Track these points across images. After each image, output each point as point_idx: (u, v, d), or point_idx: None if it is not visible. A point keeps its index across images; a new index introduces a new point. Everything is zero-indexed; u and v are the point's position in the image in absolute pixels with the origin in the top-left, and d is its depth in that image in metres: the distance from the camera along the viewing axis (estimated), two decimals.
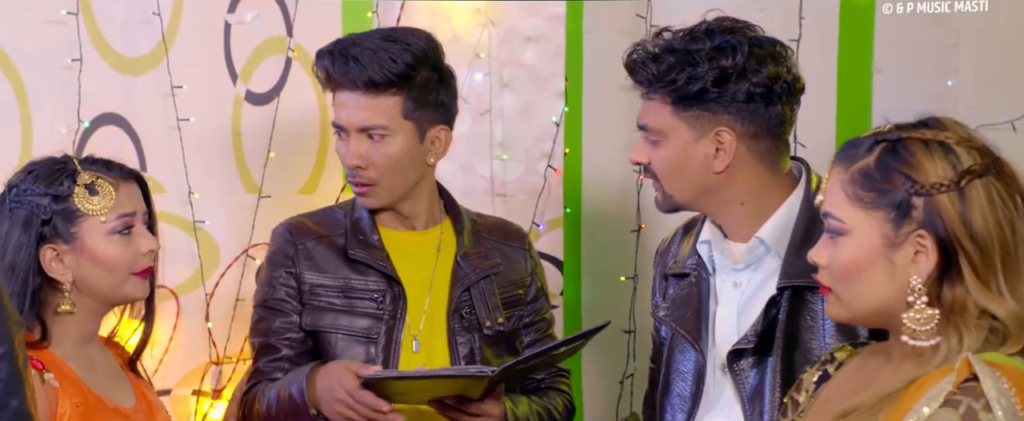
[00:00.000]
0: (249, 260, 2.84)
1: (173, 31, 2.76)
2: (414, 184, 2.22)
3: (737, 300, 1.92)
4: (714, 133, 1.88)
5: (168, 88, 2.74)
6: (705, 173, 1.89)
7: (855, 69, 2.73)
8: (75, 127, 2.66)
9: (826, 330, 1.84)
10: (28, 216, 1.89)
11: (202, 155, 2.78)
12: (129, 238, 1.93)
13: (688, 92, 1.87)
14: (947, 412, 1.39)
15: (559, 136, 2.85)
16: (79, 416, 1.86)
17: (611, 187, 2.88)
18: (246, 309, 2.84)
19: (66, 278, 1.90)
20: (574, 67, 2.86)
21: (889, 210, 1.47)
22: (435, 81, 2.20)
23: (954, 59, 2.68)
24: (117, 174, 1.95)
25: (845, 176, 1.51)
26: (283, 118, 2.84)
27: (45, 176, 1.92)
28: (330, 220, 2.29)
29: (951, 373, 1.42)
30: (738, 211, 1.92)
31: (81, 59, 2.66)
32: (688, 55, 1.86)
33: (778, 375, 1.84)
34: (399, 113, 2.17)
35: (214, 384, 2.82)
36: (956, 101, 2.65)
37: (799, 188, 1.92)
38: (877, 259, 1.48)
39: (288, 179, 2.87)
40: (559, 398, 2.30)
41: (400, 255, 2.24)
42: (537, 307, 2.32)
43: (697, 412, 1.93)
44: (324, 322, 2.22)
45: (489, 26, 2.83)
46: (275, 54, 2.85)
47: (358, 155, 2.18)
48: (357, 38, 2.20)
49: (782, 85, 1.88)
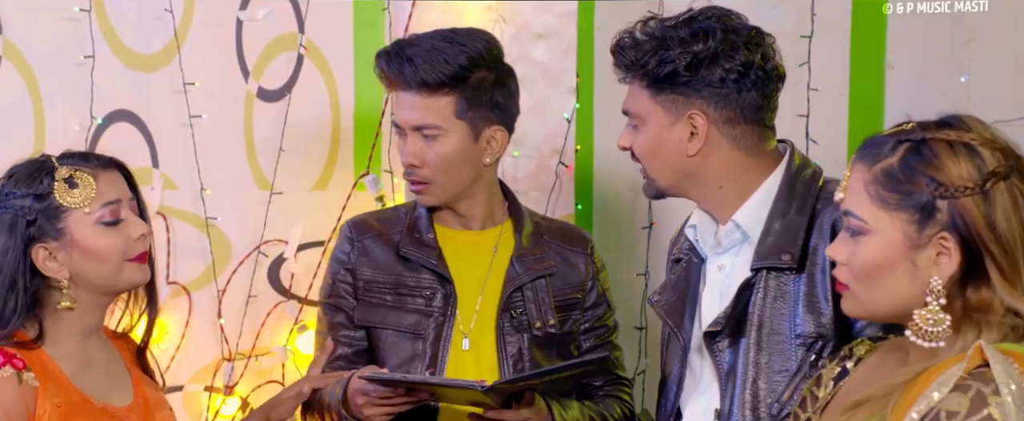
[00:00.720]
0: (261, 256, 2.85)
1: (185, 28, 2.77)
2: (470, 183, 2.25)
3: (720, 283, 1.95)
4: (688, 116, 1.91)
5: (180, 85, 2.75)
6: (680, 157, 1.93)
7: (868, 65, 2.72)
8: (88, 124, 2.67)
9: (798, 310, 1.87)
10: (13, 219, 1.89)
11: (214, 151, 2.79)
12: (118, 226, 1.93)
13: (660, 75, 1.91)
14: (956, 396, 1.40)
15: (570, 132, 2.85)
16: (60, 417, 1.86)
17: (623, 184, 2.88)
18: (258, 305, 2.85)
19: (62, 275, 1.90)
20: (585, 64, 2.86)
21: (913, 211, 1.47)
22: (490, 82, 2.21)
23: (967, 55, 2.67)
24: (95, 164, 1.94)
25: (868, 175, 1.50)
26: (295, 115, 2.84)
27: (25, 177, 1.92)
28: (392, 218, 2.33)
29: (963, 361, 1.42)
30: (718, 195, 1.94)
31: (94, 56, 2.67)
32: (663, 40, 1.91)
33: (749, 357, 1.88)
34: (452, 113, 2.20)
35: (226, 380, 2.83)
36: (969, 97, 2.64)
37: (778, 170, 1.94)
38: (899, 260, 1.48)
39: (300, 175, 2.87)
40: (617, 406, 2.31)
41: (455, 254, 2.27)
42: (597, 313, 2.33)
43: (682, 394, 1.97)
44: (375, 318, 2.26)
45: (500, 23, 2.83)
46: (287, 51, 2.85)
47: (413, 154, 2.22)
48: (417, 38, 2.23)
49: (757, 72, 1.91)
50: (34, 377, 1.86)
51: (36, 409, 1.85)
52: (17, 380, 1.84)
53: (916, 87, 2.68)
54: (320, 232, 2.87)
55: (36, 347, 1.89)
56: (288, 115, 2.84)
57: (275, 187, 2.83)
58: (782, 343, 1.86)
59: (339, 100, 2.88)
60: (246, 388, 2.85)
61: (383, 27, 2.85)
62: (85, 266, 1.91)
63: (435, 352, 2.22)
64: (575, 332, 2.30)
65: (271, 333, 2.87)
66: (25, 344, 1.88)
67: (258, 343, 2.86)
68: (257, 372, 2.86)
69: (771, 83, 1.93)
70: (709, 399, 1.93)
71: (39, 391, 1.85)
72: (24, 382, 1.84)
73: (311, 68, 2.87)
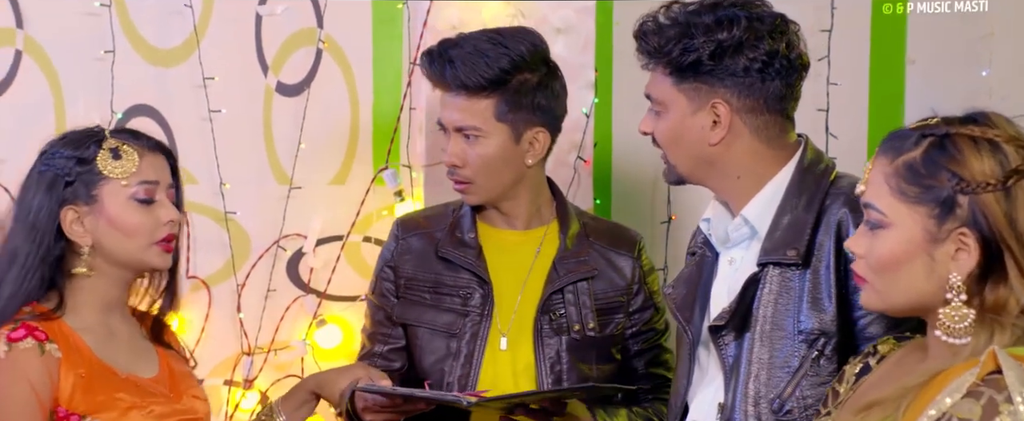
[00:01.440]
0: (280, 251, 2.86)
1: (205, 23, 2.78)
2: (512, 184, 2.24)
3: (730, 277, 1.94)
4: (710, 105, 1.90)
5: (200, 80, 2.76)
6: (702, 145, 1.91)
7: (888, 60, 2.71)
8: (108, 118, 2.68)
9: (802, 306, 1.86)
10: (53, 178, 1.94)
11: (233, 146, 2.80)
12: (150, 207, 1.95)
13: (683, 63, 1.89)
14: (968, 402, 1.39)
15: (589, 128, 2.84)
16: (83, 386, 1.89)
17: (641, 178, 2.87)
18: (277, 300, 2.86)
19: (85, 241, 1.93)
20: (604, 59, 2.85)
21: (933, 206, 1.46)
22: (532, 84, 2.21)
23: (988, 49, 2.66)
24: (143, 144, 1.98)
25: (889, 168, 1.50)
26: (314, 109, 2.85)
27: (73, 141, 1.97)
28: (439, 216, 2.34)
29: (976, 366, 1.41)
30: (735, 185, 1.93)
31: (114, 51, 2.68)
32: (687, 28, 1.89)
33: (752, 352, 1.87)
34: (492, 116, 2.20)
35: (245, 374, 2.84)
36: (990, 92, 2.63)
37: (790, 163, 1.93)
38: (917, 254, 1.47)
39: (319, 170, 2.87)
40: (665, 409, 2.28)
41: (498, 253, 2.27)
42: (644, 317, 2.31)
43: (691, 387, 1.97)
44: (412, 315, 2.28)
45: (519, 18, 2.83)
46: (306, 45, 2.86)
47: (454, 154, 2.22)
48: (461, 39, 2.23)
49: (781, 61, 1.89)
50: (57, 348, 1.88)
51: (59, 380, 1.87)
52: (39, 351, 1.86)
53: (936, 81, 2.67)
54: (339, 227, 2.88)
55: (56, 317, 1.91)
56: (307, 110, 2.84)
57: (294, 182, 2.84)
58: (785, 339, 1.85)
59: (358, 95, 2.88)
60: (265, 382, 2.86)
61: (401, 22, 2.85)
62: (109, 237, 1.94)
63: (471, 351, 2.22)
64: (618, 336, 2.28)
65: (290, 327, 2.88)
66: (45, 315, 1.91)
67: (277, 337, 2.86)
68: (276, 366, 2.87)
69: (795, 72, 1.91)
70: (714, 392, 1.92)
71: (62, 361, 1.88)
72: (46, 353, 1.87)
73: (330, 63, 2.87)
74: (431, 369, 2.23)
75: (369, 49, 2.88)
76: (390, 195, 2.88)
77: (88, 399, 1.88)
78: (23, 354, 1.85)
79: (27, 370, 1.85)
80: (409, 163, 2.86)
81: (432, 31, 2.76)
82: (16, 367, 1.85)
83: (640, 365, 2.31)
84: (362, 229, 2.90)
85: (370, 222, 2.91)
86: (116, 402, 1.90)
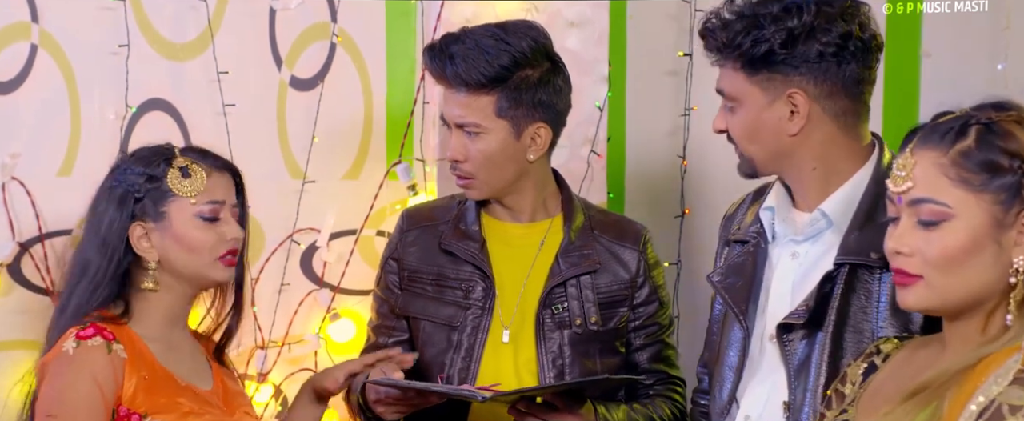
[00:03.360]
0: (293, 245, 2.86)
1: (219, 17, 2.78)
2: (514, 180, 2.24)
3: (793, 271, 1.90)
4: (787, 95, 1.87)
5: (214, 74, 2.76)
6: (780, 136, 1.88)
7: (903, 53, 2.70)
8: (123, 112, 2.68)
9: (880, 312, 1.82)
10: (124, 194, 1.99)
11: (247, 140, 2.80)
12: (215, 224, 2.01)
13: (755, 55, 1.85)
14: (1017, 389, 1.39)
15: (602, 121, 2.84)
16: (145, 389, 1.93)
17: (655, 172, 2.87)
18: (290, 294, 2.86)
19: (152, 256, 1.99)
20: (618, 52, 2.85)
21: (998, 192, 1.46)
22: (534, 81, 2.20)
23: (1004, 42, 2.64)
24: (212, 163, 2.04)
25: (945, 160, 1.48)
26: (327, 104, 2.85)
27: (144, 158, 2.02)
28: (445, 208, 2.34)
29: (1018, 352, 1.41)
30: (810, 177, 1.90)
31: (128, 45, 2.68)
32: (754, 19, 1.85)
33: (826, 352, 1.83)
34: (493, 112, 2.19)
35: (259, 368, 2.85)
36: (1007, 85, 2.61)
37: (870, 163, 1.90)
38: (985, 242, 1.46)
39: (332, 164, 2.88)
40: (667, 406, 2.29)
41: (501, 246, 2.27)
42: (648, 311, 2.30)
43: (741, 382, 1.93)
44: (414, 308, 2.28)
45: (533, 12, 2.83)
46: (319, 40, 2.86)
47: (455, 149, 2.22)
48: (463, 34, 2.21)
49: (855, 43, 1.85)
50: (123, 349, 1.93)
51: (124, 379, 1.92)
52: (106, 349, 1.91)
53: (952, 75, 2.66)
54: (352, 221, 2.88)
55: (123, 322, 1.96)
56: (321, 104, 2.84)
57: (308, 176, 2.84)
58: (863, 342, 1.80)
59: (371, 89, 2.88)
60: (279, 376, 2.87)
61: (415, 15, 2.85)
62: (175, 253, 1.99)
63: (471, 344, 2.22)
64: (622, 329, 2.27)
65: (304, 321, 2.89)
66: (113, 319, 1.96)
67: (291, 331, 2.87)
68: (290, 360, 2.88)
69: (871, 54, 1.88)
70: (769, 389, 1.88)
71: (127, 362, 1.93)
72: (113, 352, 1.92)
73: (344, 57, 2.88)
74: (432, 362, 2.23)
75: (383, 43, 2.89)
76: (403, 189, 2.89)
77: (150, 400, 1.93)
78: (91, 351, 1.90)
79: (93, 367, 1.90)
80: (422, 157, 2.86)
81: (446, 25, 2.75)
82: (83, 363, 1.90)
83: (643, 360, 2.30)
84: (376, 223, 2.91)
85: (383, 216, 2.91)
86: (176, 406, 1.95)
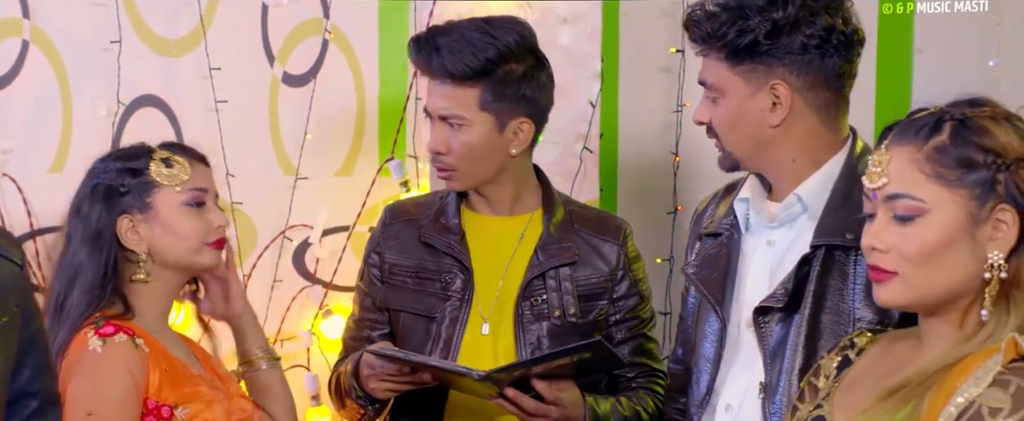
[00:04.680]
0: (286, 242, 2.86)
1: (211, 13, 2.78)
2: (495, 173, 2.24)
3: (769, 258, 1.92)
4: (769, 86, 1.88)
5: (206, 70, 2.76)
6: (762, 127, 1.89)
7: (895, 49, 2.70)
8: (114, 108, 2.68)
9: (857, 292, 1.84)
10: (108, 190, 2.00)
11: (239, 137, 2.80)
12: (201, 211, 2.03)
13: (739, 46, 1.87)
14: (996, 391, 1.39)
15: (595, 117, 2.84)
16: (168, 381, 1.95)
17: (647, 169, 2.87)
18: (283, 290, 2.86)
19: (141, 248, 2.00)
20: (610, 48, 2.85)
21: (973, 186, 1.46)
22: (518, 75, 2.20)
23: (996, 38, 2.65)
24: (190, 155, 2.07)
25: (920, 155, 1.48)
26: (320, 100, 2.85)
27: (123, 155, 2.05)
28: (427, 202, 2.35)
29: (998, 353, 1.41)
30: (789, 167, 1.91)
31: (120, 41, 2.68)
32: (740, 10, 1.87)
33: (803, 333, 1.85)
34: (476, 105, 2.19)
35: None
36: (998, 82, 2.62)
37: (844, 149, 1.92)
38: (960, 237, 1.47)
39: (325, 161, 2.88)
40: (650, 398, 2.29)
41: (481, 238, 2.27)
42: (628, 304, 2.30)
43: (719, 373, 1.94)
44: (395, 300, 2.29)
45: (525, 7, 2.83)
46: (312, 36, 2.86)
47: (438, 141, 2.23)
48: (449, 26, 2.22)
49: (838, 36, 1.87)
50: (144, 343, 1.95)
51: (149, 374, 1.94)
52: (133, 344, 1.93)
53: (944, 71, 2.66)
54: (345, 217, 2.88)
55: (128, 319, 1.98)
56: (313, 100, 2.84)
57: (300, 172, 2.84)
58: (840, 323, 1.83)
59: (364, 85, 2.88)
60: None
61: (408, 12, 2.85)
62: (164, 241, 2.00)
63: (450, 336, 2.22)
64: (601, 322, 2.28)
65: (296, 318, 2.89)
66: (119, 317, 1.97)
67: (283, 328, 2.87)
68: (282, 356, 2.87)
69: (853, 47, 1.89)
70: (749, 378, 1.90)
71: (149, 357, 1.94)
72: (139, 347, 1.93)
73: (336, 53, 2.87)
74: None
75: (375, 39, 2.88)
76: (396, 185, 2.89)
77: (176, 391, 1.95)
78: (119, 347, 1.91)
79: (126, 361, 1.91)
80: (415, 153, 2.86)
81: (438, 21, 2.75)
82: (115, 359, 1.91)
83: (624, 353, 2.30)
84: (368, 219, 2.90)
85: (376, 212, 2.90)
86: (200, 394, 1.97)
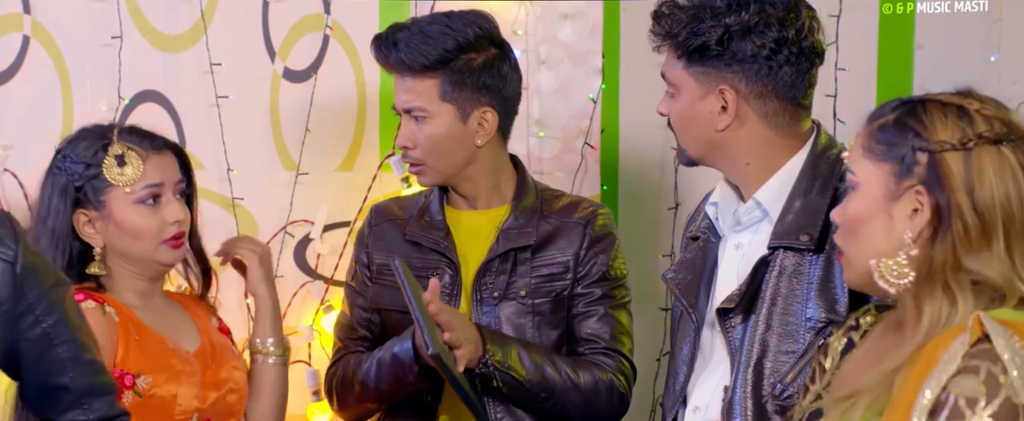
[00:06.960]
0: (287, 237, 2.86)
1: (212, 9, 2.78)
2: (463, 165, 2.25)
3: (737, 261, 1.93)
4: (718, 91, 1.89)
5: (207, 65, 2.76)
6: (710, 129, 1.90)
7: (896, 44, 2.70)
8: (115, 104, 2.68)
9: (810, 294, 1.84)
10: (65, 183, 2.00)
11: (240, 132, 2.80)
12: (156, 208, 2.01)
13: (690, 47, 1.88)
14: (968, 379, 1.38)
15: (596, 114, 2.84)
16: (137, 349, 1.95)
17: (648, 165, 2.87)
18: (284, 286, 2.86)
19: (97, 243, 2.00)
20: (611, 45, 2.85)
21: (894, 163, 1.48)
22: (478, 64, 2.21)
23: (997, 34, 2.65)
24: (149, 146, 2.03)
25: (865, 132, 1.53)
26: (321, 95, 2.85)
27: (82, 145, 2.02)
28: (412, 202, 2.36)
29: (963, 333, 1.40)
30: (745, 170, 1.92)
31: (121, 37, 2.68)
32: (699, 11, 1.87)
33: (756, 334, 1.85)
34: (437, 95, 2.21)
35: None
36: (999, 77, 2.62)
37: (803, 149, 1.92)
38: (877, 212, 1.48)
39: (326, 156, 2.88)
40: (586, 371, 2.20)
41: (462, 233, 2.28)
42: (590, 281, 2.26)
43: (693, 374, 1.95)
44: (383, 299, 2.30)
45: (526, 3, 2.83)
46: (313, 31, 2.86)
47: (405, 136, 2.25)
48: (411, 22, 2.26)
49: (791, 48, 1.87)
50: (114, 312, 1.95)
51: (118, 342, 1.94)
52: (101, 311, 1.94)
53: (945, 66, 2.66)
54: (346, 213, 2.88)
55: (102, 290, 1.99)
56: (314, 96, 2.84)
57: (301, 168, 2.84)
58: (792, 324, 1.84)
59: (365, 81, 2.88)
60: None
61: (408, 7, 2.84)
62: (119, 240, 2.00)
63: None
64: (561, 303, 2.26)
65: (297, 313, 2.89)
66: (92, 288, 1.98)
67: (284, 323, 2.86)
68: None
69: (807, 60, 1.89)
70: (719, 378, 1.91)
71: (119, 325, 1.95)
72: (107, 315, 1.94)
73: (337, 49, 2.87)
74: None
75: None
76: (397, 181, 2.89)
77: (143, 360, 1.95)
78: (88, 314, 1.88)
79: (94, 327, 1.87)
80: None
81: None
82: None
83: (581, 328, 2.25)
84: None
85: None
86: (169, 365, 1.97)
